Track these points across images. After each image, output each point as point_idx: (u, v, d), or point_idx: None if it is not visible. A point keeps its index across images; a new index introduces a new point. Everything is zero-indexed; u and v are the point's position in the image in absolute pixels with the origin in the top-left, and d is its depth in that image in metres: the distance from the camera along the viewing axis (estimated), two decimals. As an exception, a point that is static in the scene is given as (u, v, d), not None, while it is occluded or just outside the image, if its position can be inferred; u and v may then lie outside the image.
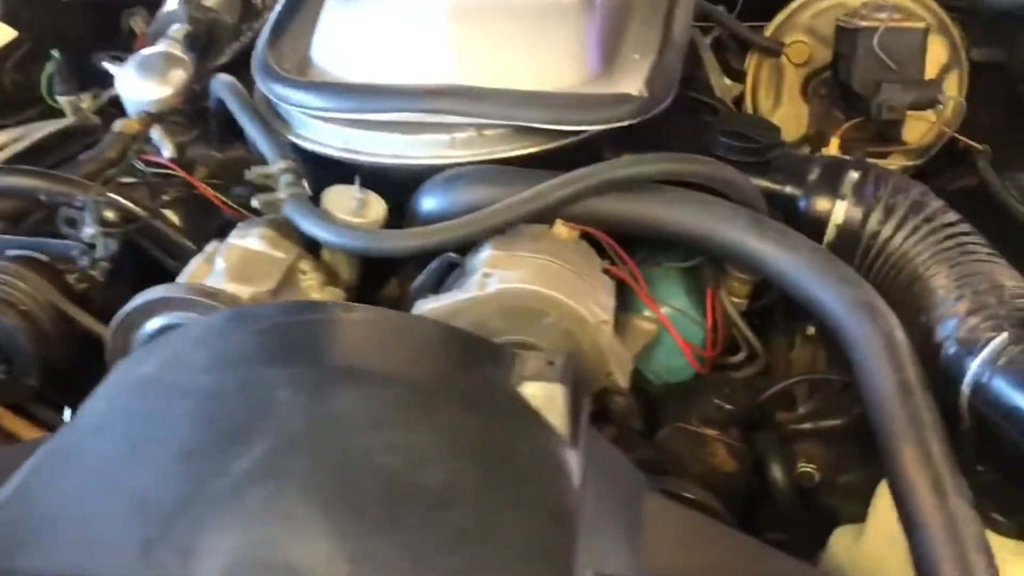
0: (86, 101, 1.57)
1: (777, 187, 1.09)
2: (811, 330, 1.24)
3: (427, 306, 0.93)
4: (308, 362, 0.74)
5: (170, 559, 0.62)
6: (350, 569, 0.62)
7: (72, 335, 1.06)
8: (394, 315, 0.83)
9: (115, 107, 1.45)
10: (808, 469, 1.11)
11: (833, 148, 1.39)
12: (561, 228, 1.01)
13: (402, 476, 0.66)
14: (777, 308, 1.26)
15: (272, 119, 1.19)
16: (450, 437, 0.70)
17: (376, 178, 1.08)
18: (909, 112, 1.40)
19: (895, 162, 1.47)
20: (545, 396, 0.74)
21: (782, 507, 1.05)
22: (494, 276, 0.93)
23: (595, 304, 0.95)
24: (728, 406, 1.03)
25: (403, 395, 0.72)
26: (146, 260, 1.13)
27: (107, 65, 1.46)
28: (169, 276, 1.05)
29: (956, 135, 1.43)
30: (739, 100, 1.59)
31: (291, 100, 1.12)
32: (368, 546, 0.63)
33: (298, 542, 0.62)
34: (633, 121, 1.04)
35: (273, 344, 0.77)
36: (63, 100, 1.54)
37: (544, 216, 1.01)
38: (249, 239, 1.02)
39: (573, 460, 0.72)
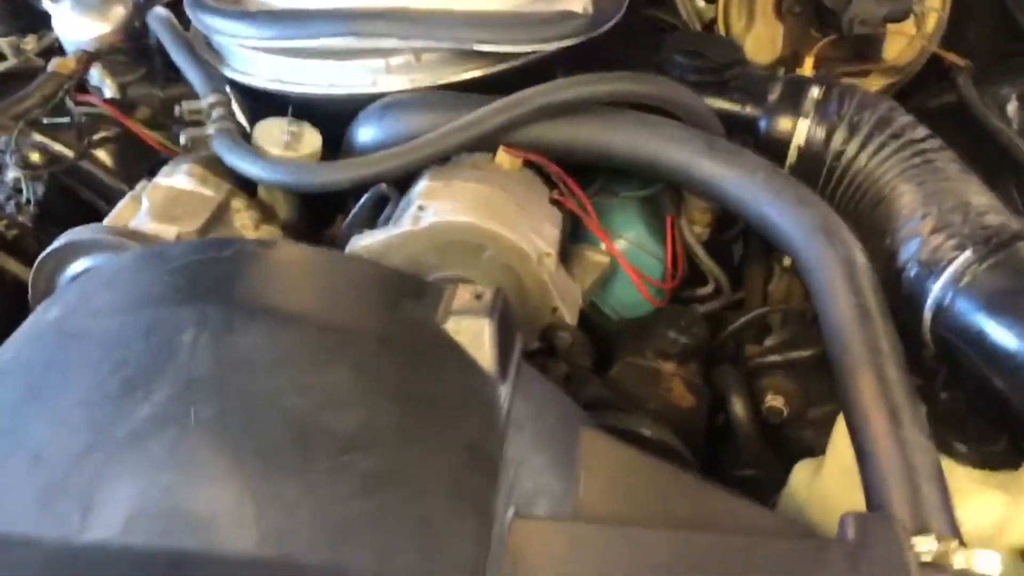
0: (30, 43, 1.52)
1: (736, 108, 1.05)
2: (788, 261, 1.20)
3: (360, 243, 0.89)
4: (215, 301, 0.71)
5: (70, 510, 0.60)
6: (255, 515, 0.59)
7: (3, 283, 1.03)
8: (312, 252, 0.78)
9: (63, 49, 1.40)
10: (776, 403, 1.08)
11: (807, 69, 1.33)
12: (504, 156, 0.96)
13: (311, 419, 0.63)
14: (754, 238, 1.22)
15: (207, 53, 1.14)
16: (364, 377, 0.66)
17: (311, 110, 1.03)
18: (889, 28, 1.34)
19: (875, 82, 1.41)
20: (471, 331, 0.71)
21: (745, 443, 1.02)
22: (429, 209, 0.89)
23: (537, 236, 0.91)
24: (683, 339, 0.99)
25: (315, 334, 0.68)
26: (80, 204, 1.09)
27: (44, 3, 1.40)
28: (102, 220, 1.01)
29: (938, 51, 1.37)
30: (712, 23, 1.52)
31: (219, 30, 1.07)
32: (275, 492, 0.60)
33: (202, 489, 0.60)
34: (577, 40, 0.99)
35: (181, 284, 0.73)
36: (2, 42, 1.49)
37: (485, 143, 0.96)
38: (176, 177, 0.98)
39: (500, 396, 0.69)
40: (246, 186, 1.03)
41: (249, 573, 0.57)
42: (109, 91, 1.28)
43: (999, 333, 0.78)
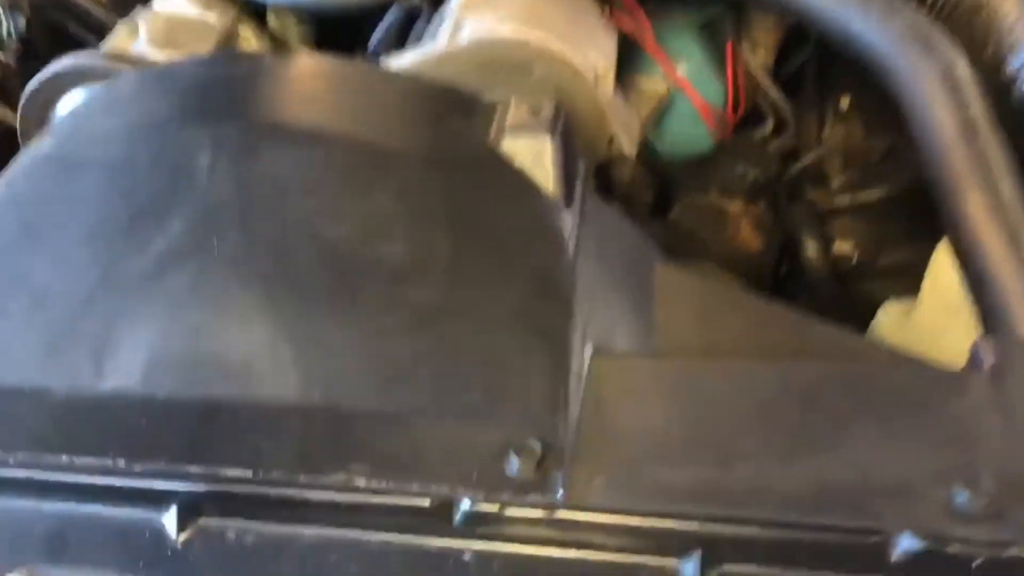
0: None
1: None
2: (845, 103, 1.11)
3: (389, 66, 0.79)
4: (234, 120, 0.63)
5: (81, 358, 0.55)
6: (294, 357, 0.54)
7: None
8: (343, 64, 0.69)
9: None
10: (845, 250, 1.01)
11: None
12: (549, -34, 0.85)
13: (353, 248, 0.57)
14: (807, 80, 1.12)
15: None
16: (412, 201, 0.60)
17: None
18: None
19: None
20: (530, 151, 0.64)
21: (817, 292, 0.94)
22: (467, 23, 0.79)
23: (592, 54, 0.81)
24: (752, 173, 0.90)
25: (353, 154, 0.62)
26: (67, 41, 0.99)
27: None
28: (95, 60, 0.91)
29: None
30: None
31: None
32: (315, 330, 0.55)
33: (232, 330, 0.55)
34: None
35: (193, 103, 0.65)
36: None
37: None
38: (177, 1, 0.87)
39: (565, 223, 0.61)
40: (253, 14, 0.92)
41: (291, 422, 0.52)
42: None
43: None
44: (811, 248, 0.94)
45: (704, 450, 0.50)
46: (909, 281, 0.86)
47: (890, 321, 0.83)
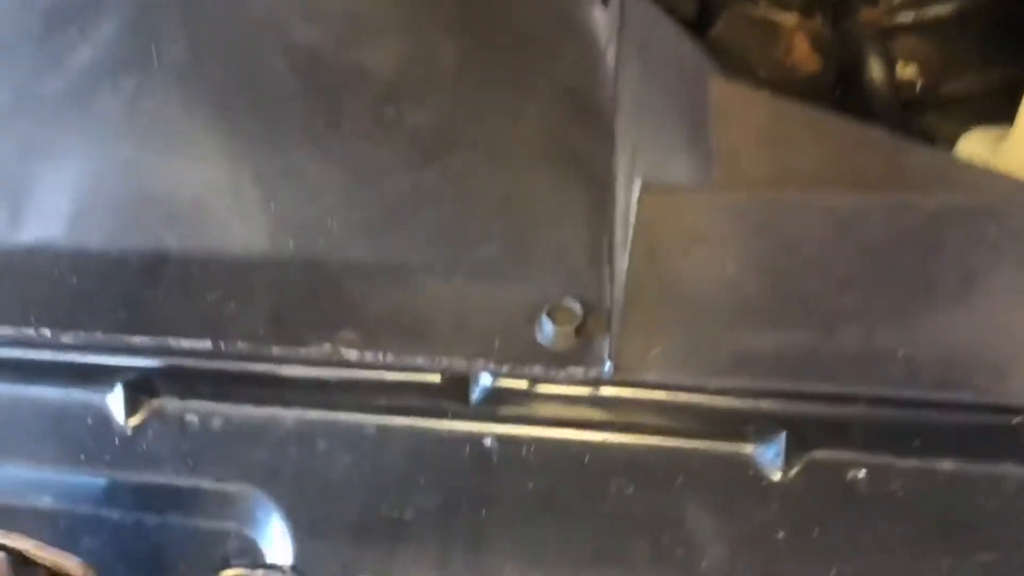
0: None
1: None
2: None
3: None
4: None
5: None
6: (262, 197, 0.46)
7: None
8: None
9: None
10: (909, 74, 0.89)
11: None
12: None
13: (332, 56, 0.47)
14: None
15: None
16: None
17: None
18: None
19: None
20: None
21: (885, 113, 0.84)
22: None
23: None
24: (814, -22, 0.77)
25: None
26: None
27: None
28: None
29: None
30: None
31: None
32: (287, 163, 0.47)
33: (179, 162, 0.46)
34: None
35: None
36: None
37: None
38: None
39: (601, 24, 0.51)
40: None
41: (261, 279, 0.44)
42: None
43: None
44: (876, 69, 0.82)
45: (792, 309, 0.41)
46: (977, 113, 0.76)
47: (974, 152, 0.72)
